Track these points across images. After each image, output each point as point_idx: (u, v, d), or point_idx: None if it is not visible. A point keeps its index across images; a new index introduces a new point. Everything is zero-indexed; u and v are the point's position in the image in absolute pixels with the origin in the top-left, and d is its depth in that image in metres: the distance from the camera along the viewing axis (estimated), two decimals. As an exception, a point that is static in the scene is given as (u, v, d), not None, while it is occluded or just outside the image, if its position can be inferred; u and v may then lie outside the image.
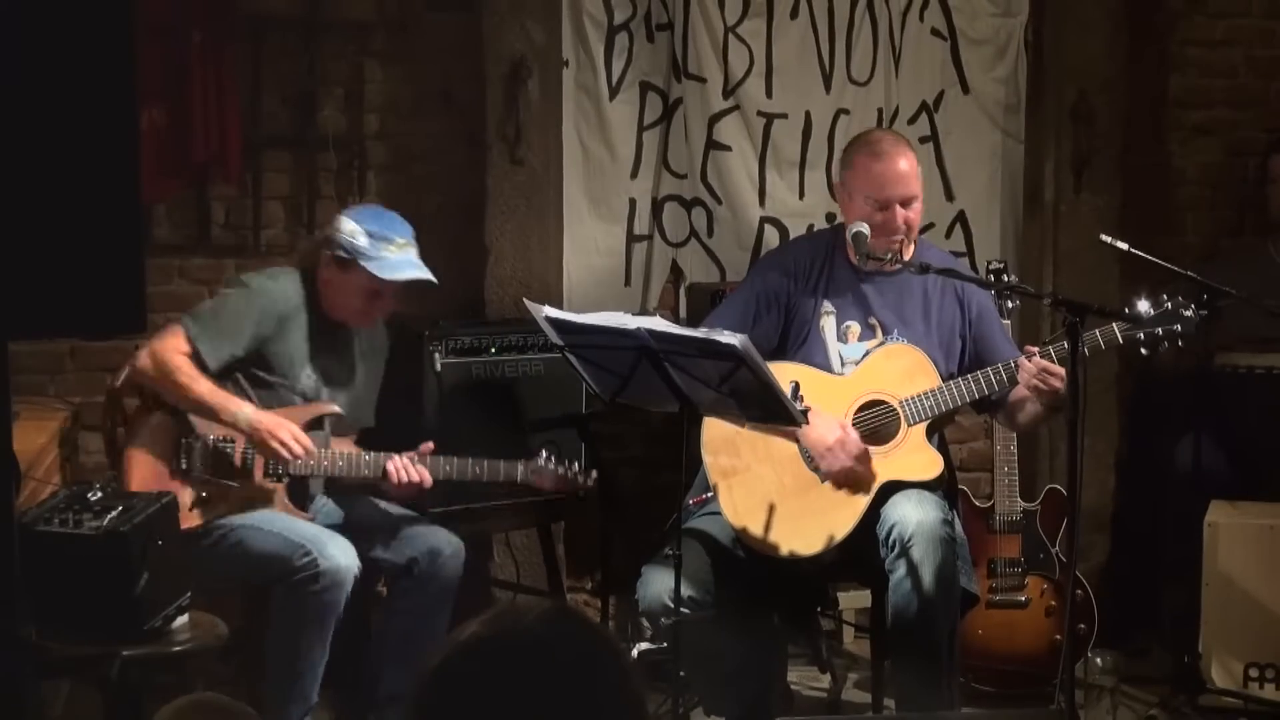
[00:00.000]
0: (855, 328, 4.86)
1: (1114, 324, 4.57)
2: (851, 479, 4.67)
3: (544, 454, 4.95)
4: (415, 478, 4.81)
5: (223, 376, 4.78)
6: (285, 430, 4.71)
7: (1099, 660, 5.60)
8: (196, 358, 4.70)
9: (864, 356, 4.82)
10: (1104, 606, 5.52)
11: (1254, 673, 5.43)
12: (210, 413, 4.71)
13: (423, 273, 4.91)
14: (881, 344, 4.84)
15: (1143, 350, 4.61)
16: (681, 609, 4.42)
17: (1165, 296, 4.57)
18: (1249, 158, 6.31)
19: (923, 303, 4.88)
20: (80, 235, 2.29)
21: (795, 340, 4.88)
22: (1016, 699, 5.33)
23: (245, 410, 4.71)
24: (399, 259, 4.86)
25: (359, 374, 5.05)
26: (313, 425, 4.88)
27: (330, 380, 4.94)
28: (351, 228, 4.84)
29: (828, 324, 4.88)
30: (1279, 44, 6.33)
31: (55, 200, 2.27)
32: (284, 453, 4.70)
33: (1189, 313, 4.56)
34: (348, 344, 5.01)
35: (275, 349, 4.83)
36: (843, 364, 4.84)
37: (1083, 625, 5.37)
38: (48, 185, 2.27)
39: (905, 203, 4.77)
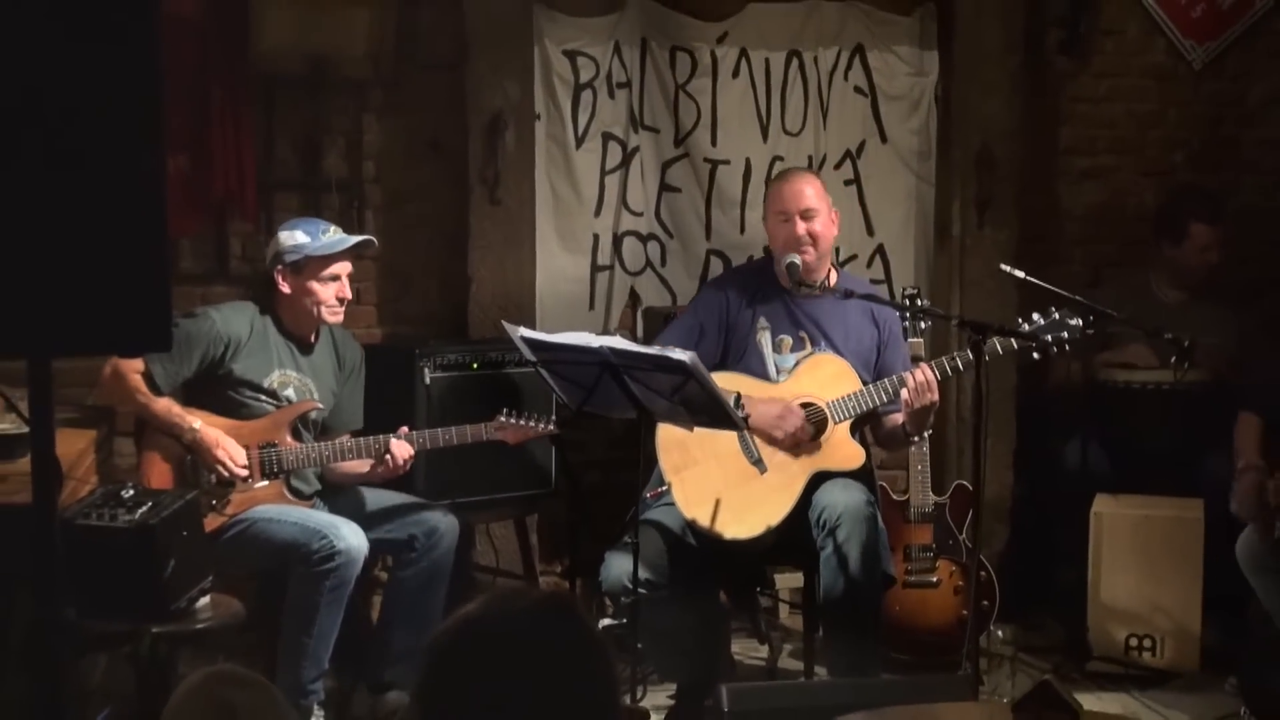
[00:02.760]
0: (788, 340, 4.96)
1: (1013, 340, 4.65)
2: (798, 439, 4.75)
3: (504, 411, 4.94)
4: (403, 457, 4.80)
5: (203, 399, 4.77)
6: (221, 449, 4.66)
7: (1000, 632, 5.61)
8: (149, 377, 4.66)
9: (795, 365, 4.89)
10: (1004, 586, 5.52)
11: (1134, 642, 5.47)
12: (165, 427, 4.67)
13: (359, 237, 4.96)
14: (810, 354, 4.92)
15: (1035, 354, 4.72)
16: (639, 589, 4.44)
17: (1053, 308, 4.65)
18: (1128, 198, 6.34)
19: (844, 322, 4.99)
20: (115, 266, 2.29)
21: (736, 353, 4.95)
22: (929, 666, 5.34)
23: (194, 426, 4.66)
24: (338, 238, 4.88)
25: (337, 380, 5.03)
26: (299, 425, 4.88)
27: (304, 386, 4.91)
28: (288, 235, 4.85)
29: (764, 338, 4.95)
30: (1154, 100, 6.37)
31: (94, 235, 2.27)
32: (223, 467, 4.66)
33: (1074, 322, 4.67)
34: (314, 354, 4.97)
35: (233, 373, 4.78)
36: (778, 372, 4.92)
37: (986, 602, 5.38)
38: (87, 223, 2.26)
39: (805, 215, 4.91)
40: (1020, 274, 4.85)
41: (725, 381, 4.62)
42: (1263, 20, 6.34)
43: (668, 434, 4.76)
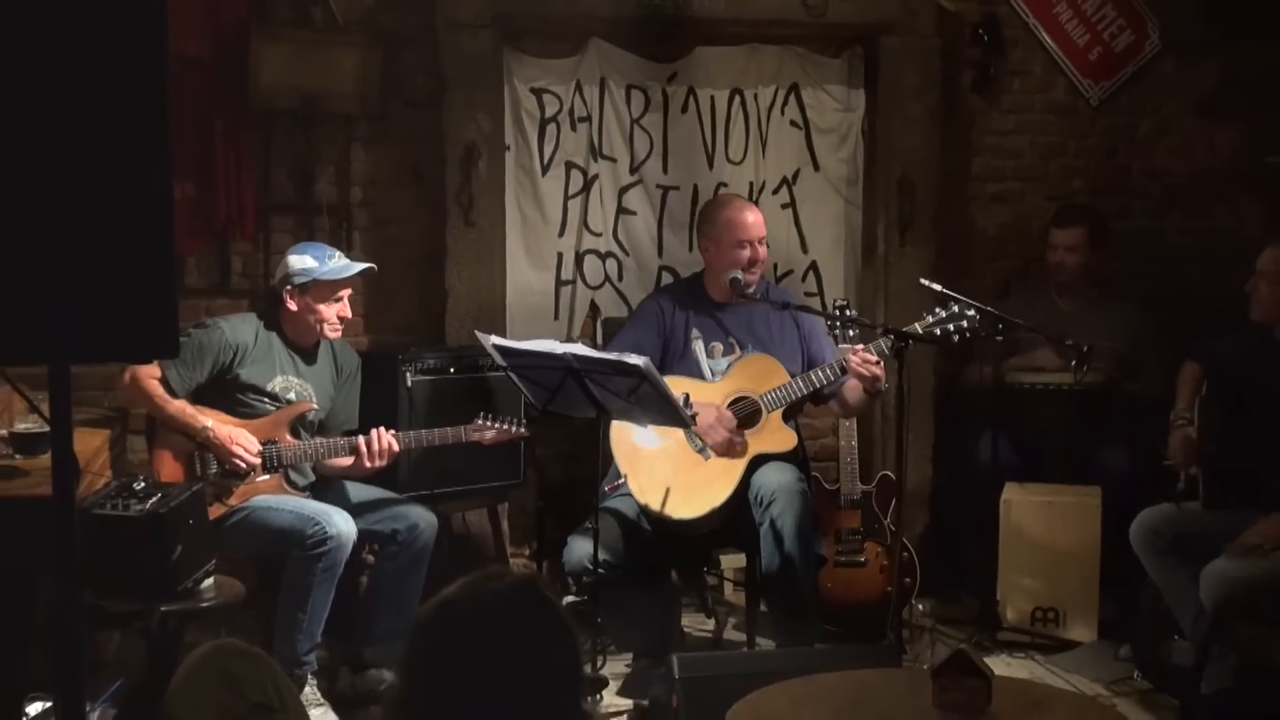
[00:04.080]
0: (719, 347, 5.02)
1: (917, 325, 4.78)
2: (730, 449, 4.79)
3: (481, 415, 4.93)
4: (385, 444, 4.78)
5: (212, 401, 4.73)
6: (236, 444, 4.65)
7: (920, 606, 5.64)
8: (165, 382, 4.64)
9: (728, 367, 4.94)
10: (924, 565, 5.54)
11: (1039, 614, 5.50)
12: (180, 426, 4.64)
13: (363, 265, 4.94)
14: (740, 356, 4.96)
15: (938, 342, 4.84)
16: (599, 570, 4.44)
17: (952, 302, 4.73)
18: (1033, 220, 6.38)
19: (767, 324, 5.07)
20: (127, 281, 2.28)
21: (673, 360, 4.98)
22: (858, 637, 5.34)
23: (206, 425, 4.63)
24: (343, 264, 4.87)
25: (335, 386, 5.01)
26: (298, 424, 4.86)
27: (305, 391, 4.89)
28: (297, 259, 4.83)
29: (697, 346, 5.01)
30: (1055, 133, 6.41)
31: (108, 253, 2.26)
32: (238, 460, 4.65)
33: (971, 312, 4.80)
34: (315, 362, 4.95)
35: (240, 377, 4.75)
36: (713, 374, 4.97)
37: (908, 579, 5.41)
38: (102, 242, 2.26)
39: (761, 241, 5.01)
40: (938, 287, 4.89)
41: (669, 383, 4.65)
42: (1151, 63, 6.41)
43: (620, 432, 4.78)
